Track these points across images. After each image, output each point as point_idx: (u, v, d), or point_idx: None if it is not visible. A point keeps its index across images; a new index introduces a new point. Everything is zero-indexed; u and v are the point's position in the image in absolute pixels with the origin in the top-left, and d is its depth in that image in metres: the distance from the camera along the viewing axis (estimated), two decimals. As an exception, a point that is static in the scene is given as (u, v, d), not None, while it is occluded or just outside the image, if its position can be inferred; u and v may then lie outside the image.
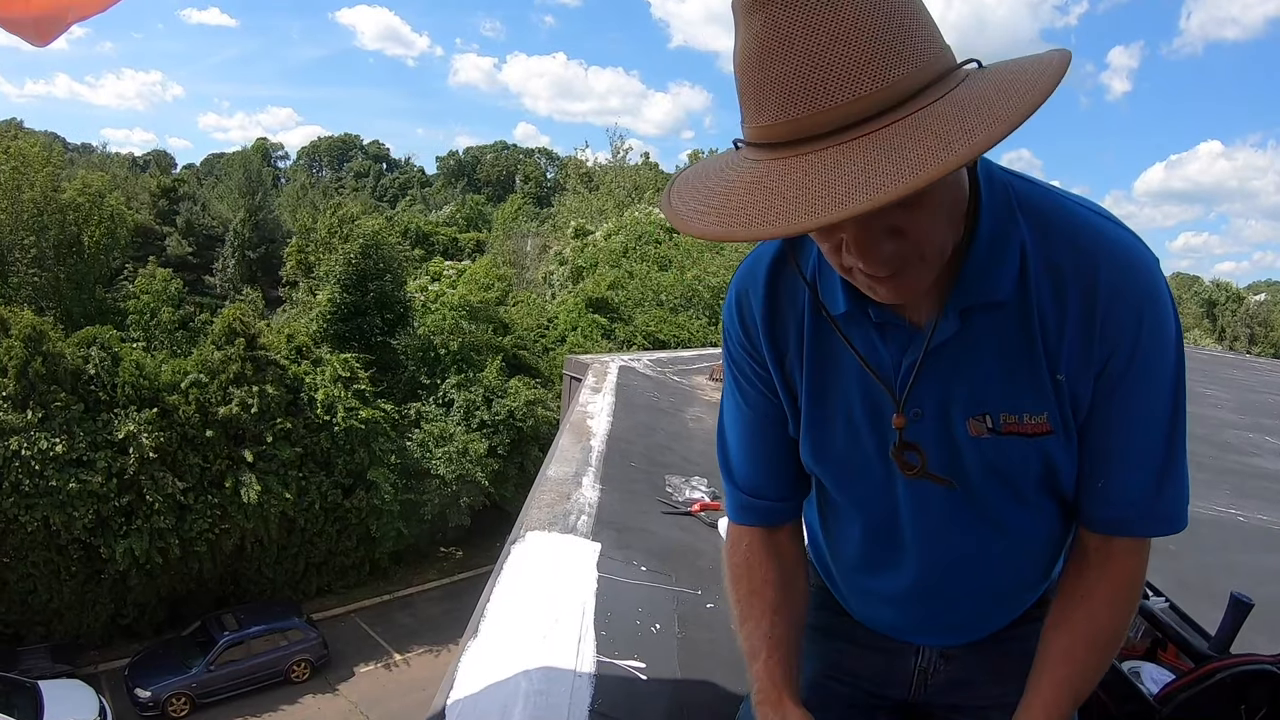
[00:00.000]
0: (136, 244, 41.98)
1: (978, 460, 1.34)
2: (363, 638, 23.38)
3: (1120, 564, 1.39)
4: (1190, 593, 3.77)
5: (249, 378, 22.27)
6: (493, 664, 2.70)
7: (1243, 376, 17.69)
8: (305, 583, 24.56)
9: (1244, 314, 64.44)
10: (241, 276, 48.69)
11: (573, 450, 5.22)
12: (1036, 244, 1.23)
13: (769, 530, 1.61)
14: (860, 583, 1.63)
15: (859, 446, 1.41)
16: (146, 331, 29.79)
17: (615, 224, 43.16)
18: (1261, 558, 5.42)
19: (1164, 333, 1.25)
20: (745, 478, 1.59)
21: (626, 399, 7.12)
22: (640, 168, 60.59)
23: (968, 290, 1.23)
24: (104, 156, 69.49)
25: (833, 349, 1.38)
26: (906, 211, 1.04)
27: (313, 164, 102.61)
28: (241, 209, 51.87)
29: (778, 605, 1.54)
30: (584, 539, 3.85)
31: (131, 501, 20.13)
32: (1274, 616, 4.05)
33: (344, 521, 24.62)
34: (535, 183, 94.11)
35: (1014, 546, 1.46)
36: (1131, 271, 1.21)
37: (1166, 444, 1.32)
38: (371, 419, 24.63)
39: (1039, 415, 1.28)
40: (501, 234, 57.87)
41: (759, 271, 1.43)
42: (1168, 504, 1.36)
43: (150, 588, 21.19)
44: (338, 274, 29.80)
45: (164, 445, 20.60)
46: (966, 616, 1.58)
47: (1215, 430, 9.91)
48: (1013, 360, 1.26)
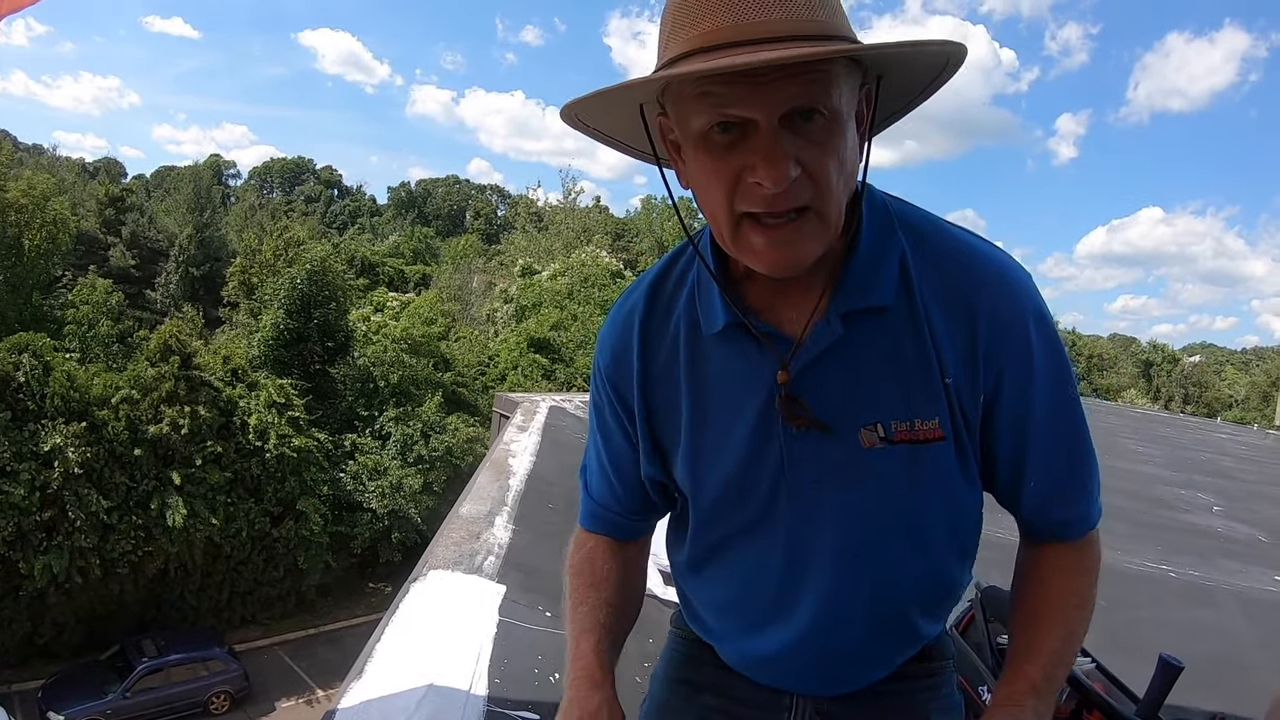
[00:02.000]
0: (79, 252, 41.23)
1: (869, 474, 1.31)
2: (285, 671, 22.92)
3: (1075, 565, 1.45)
4: (1120, 650, 3.86)
5: (182, 397, 21.95)
6: (374, 708, 2.64)
7: (1175, 435, 18.06)
8: (229, 612, 24.09)
9: (1179, 375, 65.66)
10: (183, 293, 47.86)
11: (489, 488, 5.14)
12: (915, 257, 1.27)
13: (616, 540, 1.64)
14: (736, 624, 1.56)
15: (743, 467, 1.37)
16: (83, 342, 29.24)
17: (562, 265, 43.27)
18: (1192, 613, 5.51)
19: (1053, 341, 1.30)
20: (598, 489, 1.63)
21: (553, 439, 7.08)
22: (591, 210, 60.86)
23: (849, 295, 1.26)
24: (54, 159, 67.76)
25: (711, 370, 1.37)
26: (809, 144, 1.10)
27: (264, 184, 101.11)
28: (189, 225, 51.04)
29: (615, 602, 1.56)
30: (489, 580, 3.78)
31: (53, 517, 19.67)
32: (1205, 675, 4.17)
33: (271, 551, 24.23)
34: (485, 219, 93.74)
35: (902, 575, 1.41)
36: (1013, 288, 1.26)
37: (1084, 439, 1.38)
38: (305, 448, 24.33)
39: (931, 421, 1.28)
40: (449, 268, 57.65)
41: (635, 308, 1.45)
42: (1096, 495, 1.43)
43: (69, 607, 20.69)
44: (282, 298, 29.53)
45: (90, 461, 20.17)
46: (848, 660, 1.51)
47: (1146, 486, 10.12)
48: (902, 365, 1.27)
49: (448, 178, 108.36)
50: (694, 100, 1.11)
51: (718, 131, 1.11)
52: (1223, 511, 9.38)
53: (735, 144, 1.11)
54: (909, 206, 1.35)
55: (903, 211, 1.33)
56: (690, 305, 1.39)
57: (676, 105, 1.16)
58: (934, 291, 1.26)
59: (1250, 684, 4.06)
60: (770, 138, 1.08)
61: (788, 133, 1.09)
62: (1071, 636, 1.40)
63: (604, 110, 1.27)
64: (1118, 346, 76.04)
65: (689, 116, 1.13)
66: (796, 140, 1.09)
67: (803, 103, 1.08)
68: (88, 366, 23.45)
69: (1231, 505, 9.87)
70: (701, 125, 1.11)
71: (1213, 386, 65.02)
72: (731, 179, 1.13)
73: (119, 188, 57.01)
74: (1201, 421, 31.02)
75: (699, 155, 1.15)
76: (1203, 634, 5.14)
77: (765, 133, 1.08)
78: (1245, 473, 13.49)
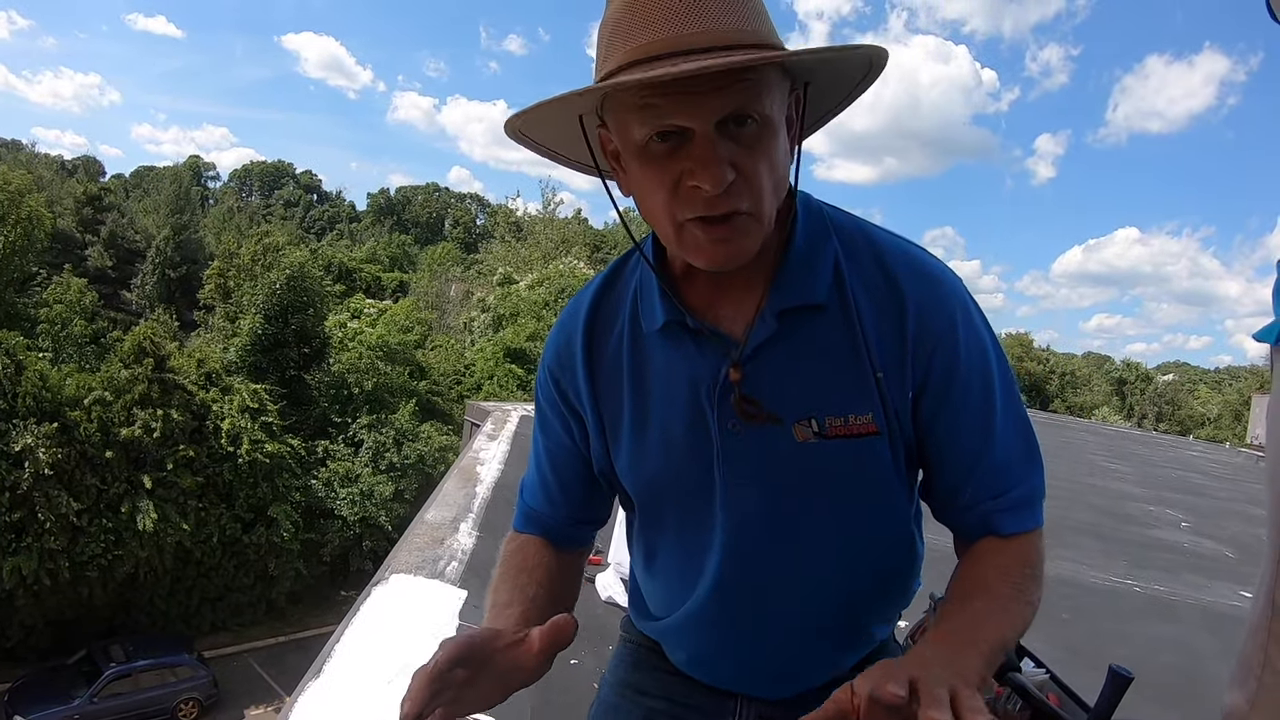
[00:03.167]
0: (55, 250, 41.02)
1: (804, 468, 1.34)
2: (254, 679, 22.71)
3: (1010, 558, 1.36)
4: (1080, 661, 3.88)
5: (155, 400, 21.83)
6: (330, 708, 2.63)
7: (1147, 452, 18.24)
8: (198, 618, 23.92)
9: (1153, 393, 66.36)
10: (160, 295, 47.72)
11: (456, 495, 5.15)
12: (847, 258, 1.33)
13: (551, 542, 1.62)
14: (681, 620, 1.57)
15: (680, 462, 1.41)
16: (55, 342, 29.00)
17: (540, 275, 43.30)
18: (1155, 626, 5.57)
19: (981, 337, 1.33)
20: (534, 495, 1.63)
21: (522, 448, 7.07)
22: (570, 221, 60.95)
23: (784, 293, 1.30)
24: (31, 155, 67.49)
25: (652, 368, 1.41)
26: (743, 149, 1.15)
27: (243, 187, 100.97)
28: (167, 226, 50.91)
29: (545, 584, 1.51)
30: (450, 585, 3.77)
31: (23, 518, 19.51)
32: (1164, 686, 4.21)
33: (242, 557, 24.07)
34: (464, 228, 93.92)
35: (841, 572, 1.43)
36: (939, 286, 1.31)
37: (1021, 433, 1.38)
38: (277, 453, 24.24)
39: (864, 415, 1.31)
40: (427, 276, 57.57)
41: (580, 309, 1.50)
42: (1038, 493, 1.40)
43: (36, 610, 20.49)
44: (260, 303, 29.44)
45: (61, 462, 20.01)
46: (791, 660, 1.52)
47: (1116, 502, 10.24)
48: (836, 361, 1.31)
49: (427, 185, 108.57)
50: (634, 111, 1.15)
51: (657, 141, 1.15)
52: (1191, 528, 9.48)
53: (673, 151, 1.15)
54: (841, 212, 1.39)
55: (835, 216, 1.38)
56: (634, 305, 1.43)
57: (616, 116, 1.20)
58: (865, 289, 1.31)
59: (1205, 697, 4.08)
60: (706, 143, 1.12)
61: (723, 139, 1.13)
62: (998, 606, 1.28)
63: (545, 124, 1.30)
64: (1092, 365, 76.65)
65: (629, 127, 1.17)
66: (731, 145, 1.14)
67: (736, 109, 1.12)
68: (60, 367, 23.31)
69: (1201, 522, 9.98)
70: (641, 135, 1.15)
71: (1186, 405, 65.73)
72: (671, 185, 1.17)
73: (98, 186, 56.77)
74: (1174, 439, 31.30)
75: (640, 164, 1.19)
76: (1163, 647, 5.19)
77: (701, 139, 1.13)
78: (1216, 490, 13.63)
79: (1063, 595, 5.67)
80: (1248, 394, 52.72)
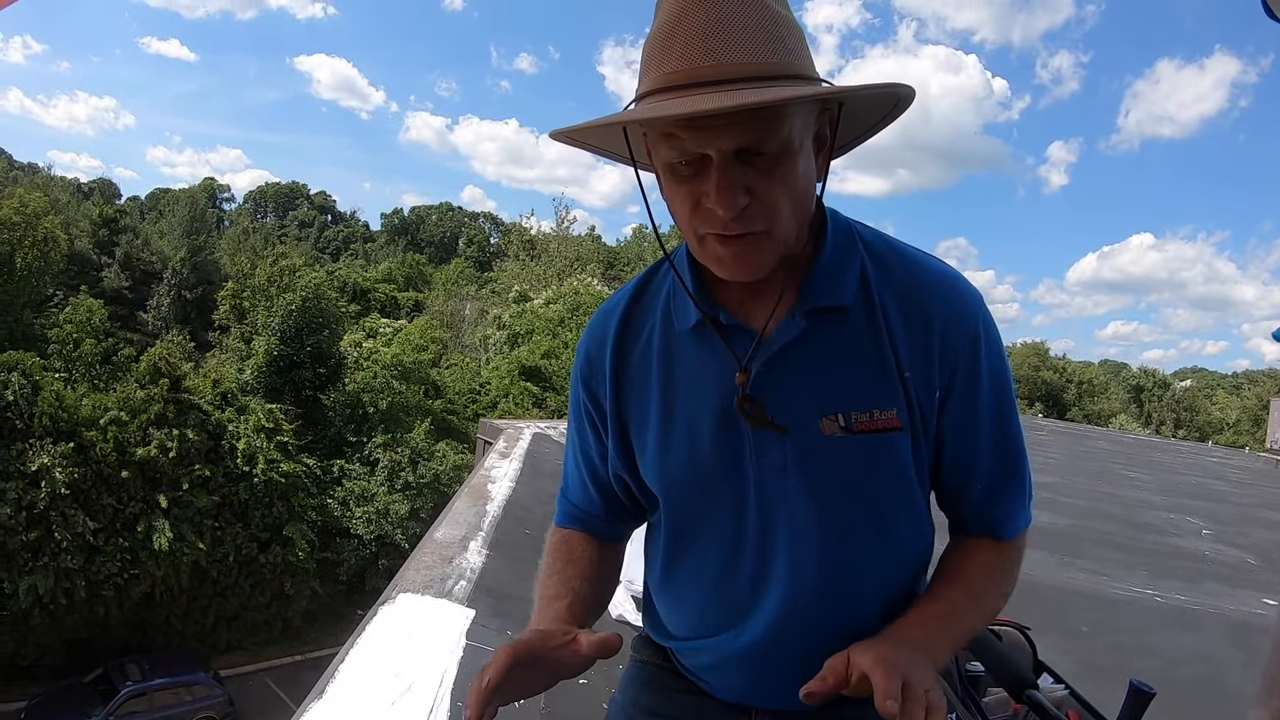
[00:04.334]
0: (72, 272, 41.25)
1: (832, 461, 1.38)
2: (270, 698, 22.67)
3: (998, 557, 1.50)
4: (1101, 676, 3.83)
5: (170, 420, 21.92)
6: None
7: (1167, 460, 18.13)
8: (214, 636, 23.94)
9: (1170, 400, 66.09)
10: (176, 316, 47.91)
11: (466, 514, 5.14)
12: (874, 267, 1.40)
13: (593, 535, 1.69)
14: (702, 624, 1.56)
15: (709, 455, 1.44)
16: (67, 362, 29.12)
17: (555, 292, 43.34)
18: (1176, 638, 5.50)
19: (999, 351, 1.42)
20: (575, 492, 1.69)
21: (534, 466, 7.10)
22: (584, 239, 61.13)
23: (813, 294, 1.37)
24: (48, 178, 67.74)
25: (681, 366, 1.46)
26: (760, 174, 1.22)
27: (258, 209, 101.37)
28: (183, 248, 51.09)
29: (591, 577, 1.60)
30: (458, 604, 3.76)
31: (39, 537, 19.59)
32: (1187, 701, 4.12)
33: (258, 576, 24.12)
34: (478, 247, 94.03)
35: (863, 566, 1.45)
36: (964, 298, 1.38)
37: (1022, 445, 1.48)
38: (293, 473, 24.30)
39: (889, 411, 1.36)
40: (441, 295, 57.70)
41: (613, 313, 1.55)
42: (1029, 500, 1.52)
43: (53, 629, 20.54)
44: (276, 325, 29.54)
45: (78, 482, 20.13)
46: (811, 666, 1.40)
47: (1135, 511, 10.16)
48: (862, 359, 1.37)
49: (441, 205, 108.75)
50: (661, 138, 1.24)
51: (681, 165, 1.24)
52: (1212, 535, 9.39)
53: (696, 174, 1.24)
54: (867, 228, 1.47)
55: (862, 231, 1.46)
56: (666, 306, 1.50)
57: (651, 135, 1.29)
58: (891, 297, 1.38)
59: (1230, 710, 4.00)
60: (721, 171, 1.20)
61: (739, 164, 1.21)
62: (975, 600, 1.46)
63: (588, 129, 1.36)
64: (1109, 372, 76.50)
65: (659, 148, 1.27)
66: (747, 171, 1.21)
67: (748, 143, 1.19)
68: (75, 386, 23.41)
69: (1221, 529, 9.89)
70: (667, 159, 1.25)
71: (1204, 411, 65.51)
72: (693, 203, 1.26)
73: (113, 208, 57.11)
74: (1193, 446, 31.11)
75: (669, 180, 1.29)
76: (1185, 659, 5.10)
77: (717, 167, 1.20)
78: (1236, 496, 13.54)
79: (1081, 608, 5.60)
80: (1266, 398, 52.41)
